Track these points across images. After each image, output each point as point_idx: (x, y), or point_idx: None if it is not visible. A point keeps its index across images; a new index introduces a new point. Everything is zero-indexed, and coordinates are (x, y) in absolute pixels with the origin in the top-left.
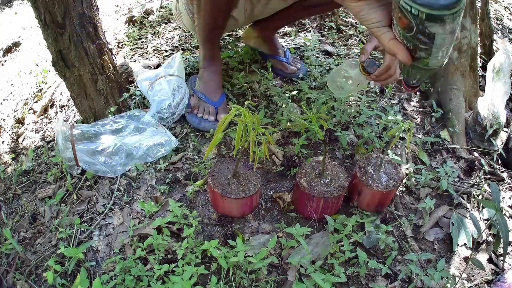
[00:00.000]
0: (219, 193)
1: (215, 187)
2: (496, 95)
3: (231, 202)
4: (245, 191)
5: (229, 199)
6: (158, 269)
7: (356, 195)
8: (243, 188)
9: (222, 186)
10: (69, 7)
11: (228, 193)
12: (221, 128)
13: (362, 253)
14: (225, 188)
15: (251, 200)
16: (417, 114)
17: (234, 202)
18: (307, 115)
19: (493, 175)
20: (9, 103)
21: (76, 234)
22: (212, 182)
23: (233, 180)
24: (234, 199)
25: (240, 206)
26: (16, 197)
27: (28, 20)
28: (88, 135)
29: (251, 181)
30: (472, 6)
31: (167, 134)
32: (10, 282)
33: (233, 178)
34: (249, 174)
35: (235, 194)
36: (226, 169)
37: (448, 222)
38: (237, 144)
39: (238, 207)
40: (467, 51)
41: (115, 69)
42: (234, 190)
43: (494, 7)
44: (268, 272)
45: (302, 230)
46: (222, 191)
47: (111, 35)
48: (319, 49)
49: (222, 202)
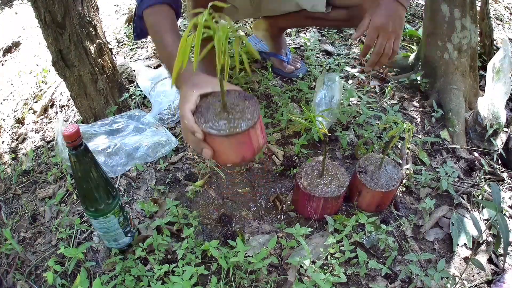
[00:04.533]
0: (206, 131)
1: (200, 124)
2: (496, 95)
3: (222, 142)
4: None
5: (219, 139)
6: (158, 269)
7: (356, 195)
8: (236, 121)
9: (209, 122)
10: (69, 7)
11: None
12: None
13: (362, 253)
14: (212, 124)
15: (248, 137)
16: (417, 114)
17: (226, 142)
18: (307, 115)
19: (493, 175)
20: (9, 103)
21: (76, 234)
22: (197, 119)
23: (223, 114)
24: (225, 137)
25: (235, 147)
26: (16, 197)
27: (28, 20)
28: (88, 135)
29: (246, 112)
30: (472, 6)
31: (167, 134)
32: (10, 282)
33: (224, 111)
34: (244, 105)
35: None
36: (217, 102)
37: (448, 222)
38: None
39: (233, 148)
40: (467, 51)
41: (115, 69)
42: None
43: (494, 7)
44: (268, 272)
45: (302, 230)
46: (209, 128)
47: (111, 35)
48: (319, 49)
49: (212, 143)
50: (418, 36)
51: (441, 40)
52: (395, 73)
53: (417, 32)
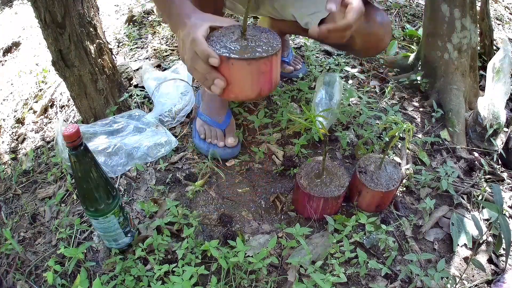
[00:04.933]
0: (223, 56)
1: (212, 47)
2: (496, 95)
3: (241, 70)
4: (259, 51)
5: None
6: (158, 269)
7: (356, 195)
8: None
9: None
10: (69, 7)
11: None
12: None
13: (362, 253)
14: (229, 50)
15: (270, 65)
16: (417, 114)
17: (245, 69)
18: (307, 115)
19: (493, 175)
20: (9, 103)
21: (76, 234)
22: (210, 43)
23: (241, 41)
24: (246, 62)
25: (255, 77)
26: (16, 197)
27: (28, 20)
28: (88, 135)
29: (265, 42)
30: (472, 6)
31: (167, 134)
32: (10, 282)
33: (241, 37)
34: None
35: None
36: (231, 33)
37: (448, 222)
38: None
39: (252, 78)
40: (467, 51)
41: (115, 69)
42: (242, 50)
43: (494, 7)
44: (268, 272)
45: (302, 230)
46: (226, 52)
47: (111, 35)
48: (319, 49)
49: (228, 72)
50: (418, 36)
51: (441, 40)
52: (395, 73)
53: (417, 32)
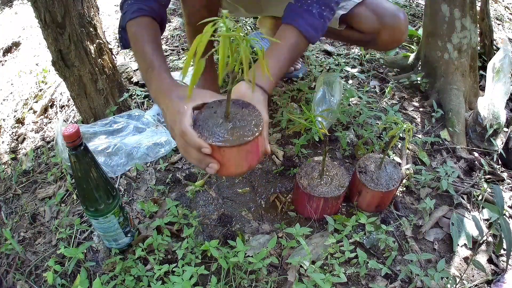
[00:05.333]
0: (213, 145)
1: (201, 136)
2: (496, 95)
3: (231, 154)
4: (244, 134)
5: (229, 150)
6: (158, 269)
7: (356, 195)
8: (242, 130)
9: (214, 135)
10: (69, 7)
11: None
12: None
13: (362, 253)
14: (218, 136)
15: (256, 144)
16: (417, 114)
17: (235, 153)
18: (307, 115)
19: (493, 175)
20: (9, 103)
21: (76, 234)
22: (200, 134)
23: (226, 124)
24: (235, 148)
25: (244, 157)
26: (16, 197)
27: (28, 20)
28: (88, 135)
29: (248, 119)
30: (472, 6)
31: (167, 134)
32: (10, 282)
33: (226, 121)
34: (244, 112)
35: (233, 141)
36: (214, 113)
37: (448, 222)
38: (221, 67)
39: (242, 158)
40: (467, 51)
41: (115, 69)
42: (229, 136)
43: (494, 7)
44: (268, 272)
45: (302, 230)
46: (216, 141)
47: (111, 35)
48: (319, 49)
49: (220, 156)
50: (418, 36)
51: (441, 40)
52: (395, 73)
53: (417, 32)
